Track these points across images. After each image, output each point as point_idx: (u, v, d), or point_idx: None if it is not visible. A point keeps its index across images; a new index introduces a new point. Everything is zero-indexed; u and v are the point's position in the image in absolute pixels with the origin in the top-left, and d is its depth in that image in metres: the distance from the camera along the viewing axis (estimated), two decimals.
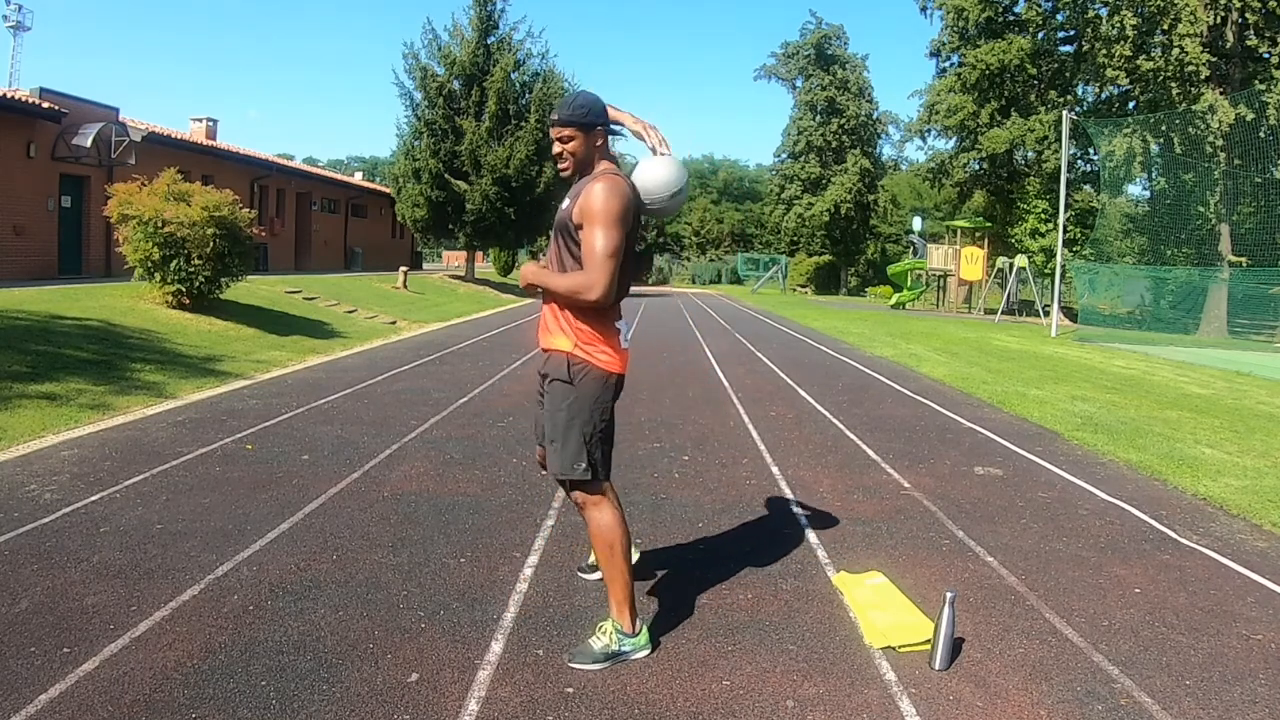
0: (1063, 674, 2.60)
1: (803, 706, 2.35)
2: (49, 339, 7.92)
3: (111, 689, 2.27)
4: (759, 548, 3.66)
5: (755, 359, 11.47)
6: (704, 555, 3.51)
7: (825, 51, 46.51)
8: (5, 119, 13.93)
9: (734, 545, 3.69)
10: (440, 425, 6.02)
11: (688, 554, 3.51)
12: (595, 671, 2.49)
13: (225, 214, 10.59)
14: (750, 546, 3.68)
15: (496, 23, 27.19)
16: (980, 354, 13.26)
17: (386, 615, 2.82)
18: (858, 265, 48.55)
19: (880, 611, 2.94)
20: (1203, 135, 21.49)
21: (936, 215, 49.30)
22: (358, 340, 11.79)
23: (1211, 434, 6.86)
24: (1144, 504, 4.65)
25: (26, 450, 4.82)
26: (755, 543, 3.73)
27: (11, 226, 14.07)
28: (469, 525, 3.80)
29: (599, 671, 2.49)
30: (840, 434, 6.34)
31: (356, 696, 2.29)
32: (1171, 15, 20.77)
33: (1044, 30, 28.54)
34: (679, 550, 3.56)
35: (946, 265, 32.26)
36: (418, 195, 25.40)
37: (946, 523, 4.15)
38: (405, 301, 18.57)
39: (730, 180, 69.07)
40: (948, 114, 30.61)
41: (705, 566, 3.38)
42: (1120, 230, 30.00)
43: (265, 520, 3.73)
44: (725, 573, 3.33)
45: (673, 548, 3.61)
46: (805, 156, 46.29)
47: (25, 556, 3.19)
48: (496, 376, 8.59)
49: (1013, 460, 5.68)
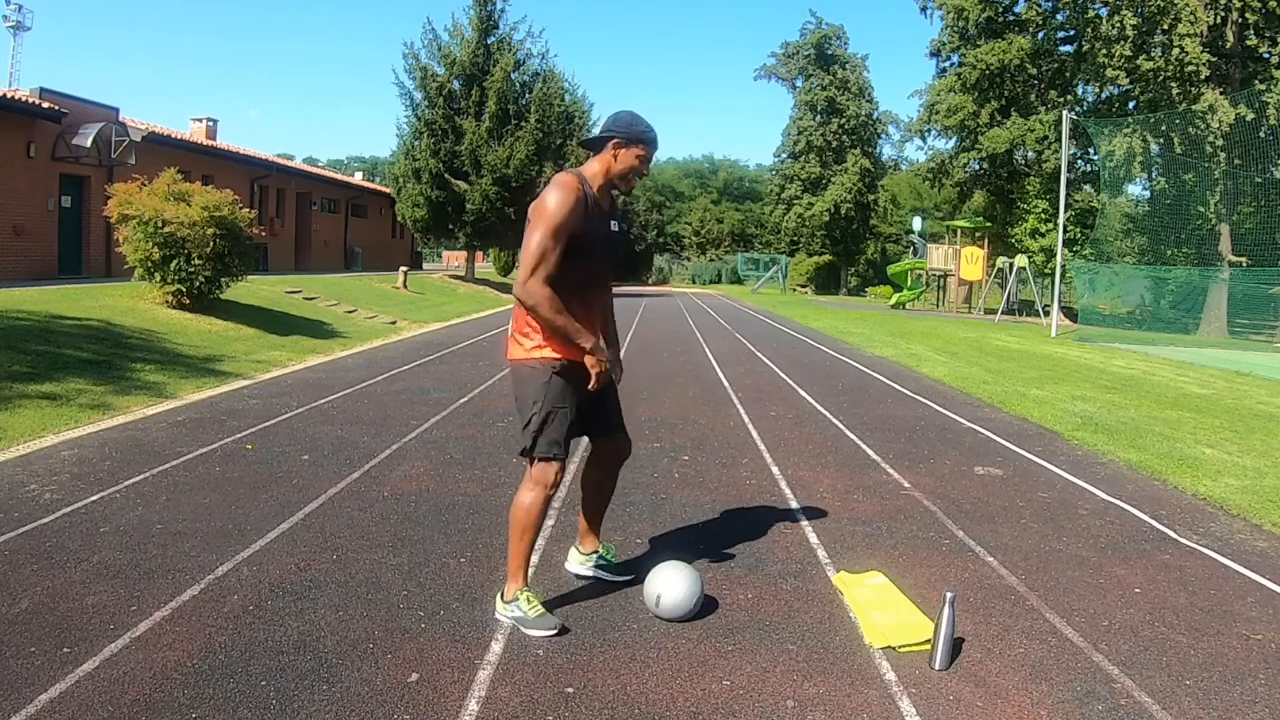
0: (1063, 674, 2.60)
1: (803, 706, 2.35)
2: (49, 339, 7.92)
3: (111, 689, 2.27)
4: (759, 548, 3.66)
5: (755, 359, 11.47)
6: (704, 555, 3.51)
7: (825, 51, 46.49)
8: (5, 119, 13.94)
9: (734, 545, 3.69)
10: (440, 425, 6.02)
11: (688, 554, 3.50)
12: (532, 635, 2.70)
13: (225, 214, 10.60)
14: (750, 546, 3.68)
15: (496, 23, 27.20)
16: (980, 354, 13.26)
17: (386, 615, 2.82)
18: (858, 265, 48.54)
19: (880, 611, 2.94)
20: (1203, 135, 21.48)
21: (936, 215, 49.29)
22: (358, 340, 11.79)
23: (1211, 434, 6.86)
24: (1144, 504, 4.65)
25: (26, 450, 4.82)
26: (755, 543, 3.73)
27: (11, 226, 14.08)
28: (469, 525, 3.80)
29: (596, 669, 2.50)
30: (840, 434, 6.33)
31: (356, 696, 2.29)
32: (1171, 15, 20.77)
33: (1044, 30, 28.52)
34: (679, 550, 3.56)
35: (946, 265, 32.25)
36: (418, 195, 25.41)
37: (946, 523, 4.15)
38: (405, 301, 18.58)
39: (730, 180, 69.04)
40: (948, 114, 30.60)
41: (705, 567, 3.38)
42: (1120, 230, 30.01)
43: (265, 520, 3.73)
44: (725, 573, 3.33)
45: (673, 548, 3.61)
46: (805, 156, 46.28)
47: (25, 556, 3.19)
48: (496, 376, 8.59)
49: (1013, 460, 5.68)
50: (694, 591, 2.87)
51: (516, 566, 2.80)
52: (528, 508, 2.76)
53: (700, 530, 3.88)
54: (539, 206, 2.64)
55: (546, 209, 2.62)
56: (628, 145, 2.75)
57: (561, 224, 2.61)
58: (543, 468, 2.76)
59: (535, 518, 2.77)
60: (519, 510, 2.78)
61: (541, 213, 2.63)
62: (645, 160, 2.80)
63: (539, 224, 2.62)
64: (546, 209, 2.62)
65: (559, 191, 2.63)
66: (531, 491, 2.77)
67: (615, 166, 2.77)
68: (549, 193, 2.64)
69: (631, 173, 2.79)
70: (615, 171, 2.77)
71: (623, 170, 2.77)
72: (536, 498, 2.76)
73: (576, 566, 3.21)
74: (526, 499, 2.77)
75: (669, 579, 2.87)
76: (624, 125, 2.76)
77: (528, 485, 2.79)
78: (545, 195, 2.65)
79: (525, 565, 2.81)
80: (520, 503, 2.78)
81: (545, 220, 2.61)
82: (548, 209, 2.62)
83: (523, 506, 2.77)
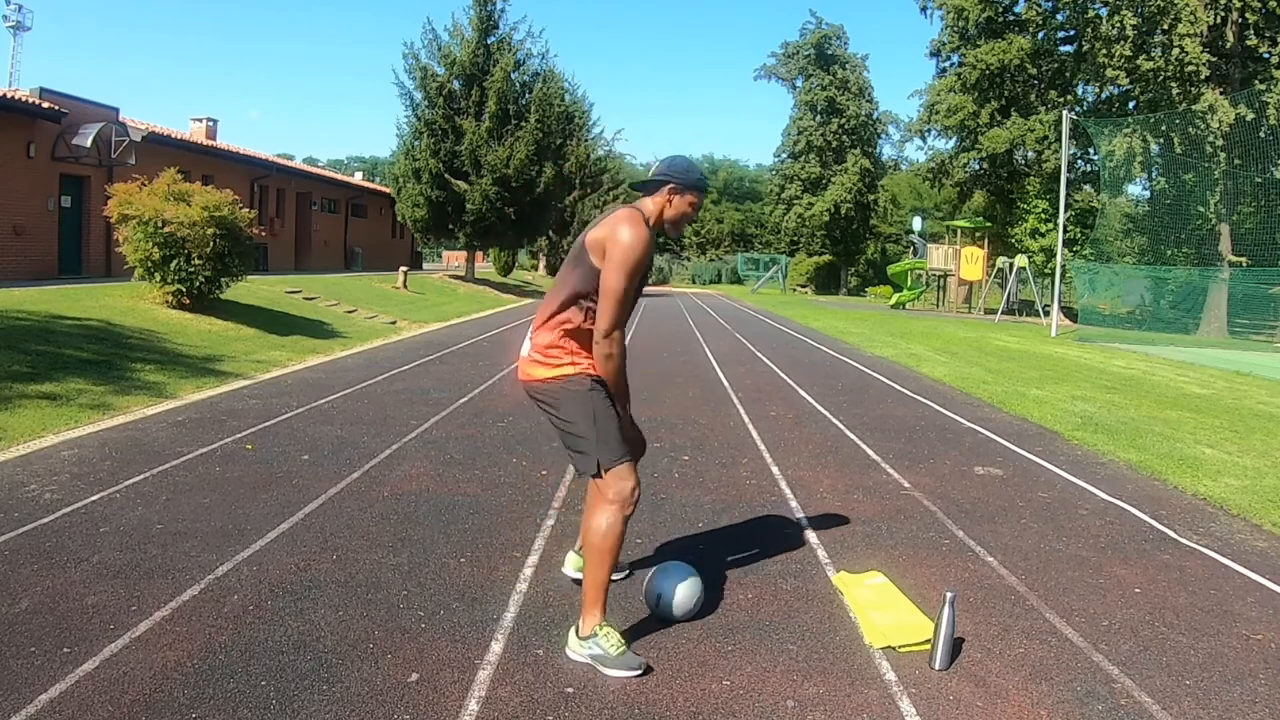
0: (1063, 674, 2.60)
1: (803, 706, 2.35)
2: (49, 339, 7.92)
3: (111, 689, 2.27)
4: (759, 548, 3.67)
5: (755, 359, 11.47)
6: (704, 555, 3.51)
7: (825, 51, 46.52)
8: (5, 119, 13.93)
9: (734, 545, 3.69)
10: (440, 425, 6.02)
11: (688, 554, 3.50)
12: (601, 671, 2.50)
13: (225, 214, 10.59)
14: (750, 546, 3.68)
15: (496, 23, 27.16)
16: (980, 354, 13.26)
17: (386, 615, 2.82)
18: (858, 265, 48.56)
19: (880, 611, 2.94)
20: (1203, 135, 21.49)
21: (936, 215, 49.29)
22: (358, 340, 11.79)
23: (1211, 434, 6.86)
24: (1144, 504, 4.65)
25: (26, 450, 4.82)
26: (755, 543, 3.73)
27: (11, 226, 14.07)
28: (469, 525, 3.80)
29: (596, 669, 2.50)
30: (840, 434, 6.33)
31: (356, 696, 2.29)
32: (1171, 15, 20.78)
33: (1044, 30, 28.54)
34: (679, 550, 3.56)
35: (946, 265, 32.26)
36: (418, 195, 25.39)
37: (946, 523, 4.15)
38: (405, 301, 18.58)
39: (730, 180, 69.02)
40: (948, 114, 30.61)
41: (705, 566, 3.37)
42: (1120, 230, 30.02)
43: (265, 520, 3.73)
44: (725, 573, 3.33)
45: (673, 548, 3.61)
46: (805, 156, 46.30)
47: (25, 556, 3.19)
48: (497, 376, 8.59)
49: (1013, 460, 5.68)
50: (694, 592, 2.87)
51: (595, 598, 2.56)
52: (605, 531, 2.55)
53: (700, 530, 3.88)
54: (615, 244, 2.55)
55: (624, 247, 2.55)
56: (683, 192, 2.75)
57: (639, 264, 2.59)
58: (617, 476, 2.59)
59: (615, 540, 2.56)
60: (595, 535, 2.56)
61: (620, 252, 2.54)
62: (697, 207, 2.81)
63: (619, 266, 2.54)
64: (624, 247, 2.55)
65: (635, 229, 2.58)
66: (607, 511, 2.57)
67: (669, 211, 2.76)
68: (623, 229, 2.56)
69: (683, 219, 2.79)
70: (668, 216, 2.76)
71: (674, 216, 2.78)
72: (614, 517, 2.56)
73: (574, 572, 3.12)
74: (603, 521, 2.56)
75: (669, 579, 2.87)
76: (680, 171, 2.76)
77: (601, 505, 2.60)
78: (617, 231, 2.56)
79: (604, 596, 2.58)
80: (596, 527, 2.57)
81: (626, 263, 2.55)
82: (626, 247, 2.55)
83: (599, 530, 2.55)
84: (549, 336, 2.69)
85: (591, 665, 2.52)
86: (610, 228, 2.60)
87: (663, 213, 2.77)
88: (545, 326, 2.71)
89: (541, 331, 2.72)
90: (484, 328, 15.07)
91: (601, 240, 2.60)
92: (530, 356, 2.74)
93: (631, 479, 2.61)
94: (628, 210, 2.67)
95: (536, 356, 2.71)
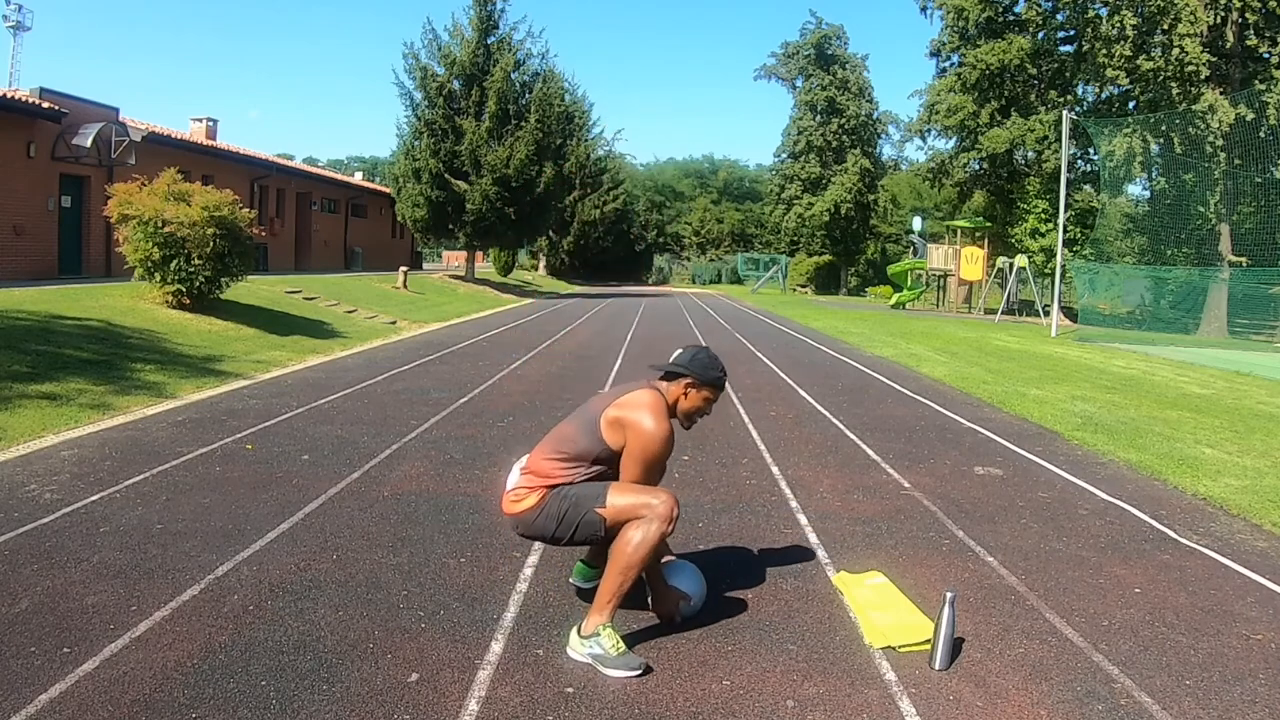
0: (1063, 674, 2.60)
1: (803, 706, 2.35)
2: (49, 339, 7.92)
3: (111, 689, 2.28)
4: (759, 548, 3.67)
5: (755, 359, 11.47)
6: (704, 555, 3.51)
7: (825, 51, 46.47)
8: (5, 119, 13.93)
9: (734, 545, 3.69)
10: (440, 425, 6.02)
11: (687, 554, 3.50)
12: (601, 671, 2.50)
13: (225, 214, 10.59)
14: (750, 546, 3.68)
15: (496, 23, 27.19)
16: (980, 354, 13.26)
17: (386, 615, 2.82)
18: (858, 265, 48.51)
19: (880, 611, 2.94)
20: (1203, 135, 21.48)
21: (936, 215, 49.28)
22: (358, 340, 11.79)
23: (1211, 434, 6.86)
24: (1144, 504, 4.65)
25: (26, 450, 4.82)
26: (755, 543, 3.73)
27: (11, 226, 14.07)
28: (469, 525, 3.80)
29: (596, 669, 2.50)
30: (840, 434, 6.33)
31: (356, 696, 2.29)
32: (1171, 15, 20.77)
33: (1044, 30, 28.52)
34: (678, 551, 3.56)
35: (946, 265, 32.24)
36: (418, 195, 25.40)
37: (946, 523, 4.15)
38: (405, 301, 18.58)
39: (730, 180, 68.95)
40: (948, 114, 30.58)
41: (705, 566, 3.37)
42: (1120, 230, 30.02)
43: (265, 520, 3.73)
44: (725, 573, 3.33)
45: (673, 548, 3.61)
46: (805, 156, 46.25)
47: (25, 556, 3.19)
48: (497, 376, 8.59)
49: (1013, 460, 5.68)
50: (694, 592, 2.87)
51: (605, 602, 2.56)
52: (639, 542, 2.55)
53: (700, 530, 3.89)
54: (638, 435, 2.65)
55: (646, 441, 2.66)
56: (699, 387, 2.84)
57: (661, 458, 2.72)
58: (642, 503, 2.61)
59: (646, 553, 2.56)
60: (628, 546, 2.56)
61: (640, 448, 2.66)
62: (711, 402, 2.90)
63: (639, 461, 2.67)
64: (646, 441, 2.66)
65: (659, 423, 2.67)
66: (645, 525, 2.56)
67: (684, 404, 2.86)
68: (647, 418, 2.66)
69: (696, 412, 2.89)
70: (683, 408, 2.86)
71: (689, 409, 2.87)
72: (650, 530, 2.55)
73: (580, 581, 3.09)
74: (638, 534, 2.56)
75: (670, 577, 2.86)
76: (700, 368, 2.84)
77: (640, 521, 2.59)
78: (641, 420, 2.66)
79: (617, 605, 2.58)
80: (630, 538, 2.56)
81: (647, 458, 2.67)
82: (649, 440, 2.66)
83: (633, 541, 2.55)
84: (530, 479, 2.75)
85: (591, 665, 2.52)
86: (633, 412, 2.68)
87: (678, 402, 2.86)
88: (533, 471, 2.76)
89: (529, 475, 2.77)
90: (484, 328, 15.06)
91: (620, 422, 2.69)
92: (512, 493, 2.78)
93: (661, 496, 2.63)
94: (652, 395, 2.76)
95: (520, 493, 2.76)
